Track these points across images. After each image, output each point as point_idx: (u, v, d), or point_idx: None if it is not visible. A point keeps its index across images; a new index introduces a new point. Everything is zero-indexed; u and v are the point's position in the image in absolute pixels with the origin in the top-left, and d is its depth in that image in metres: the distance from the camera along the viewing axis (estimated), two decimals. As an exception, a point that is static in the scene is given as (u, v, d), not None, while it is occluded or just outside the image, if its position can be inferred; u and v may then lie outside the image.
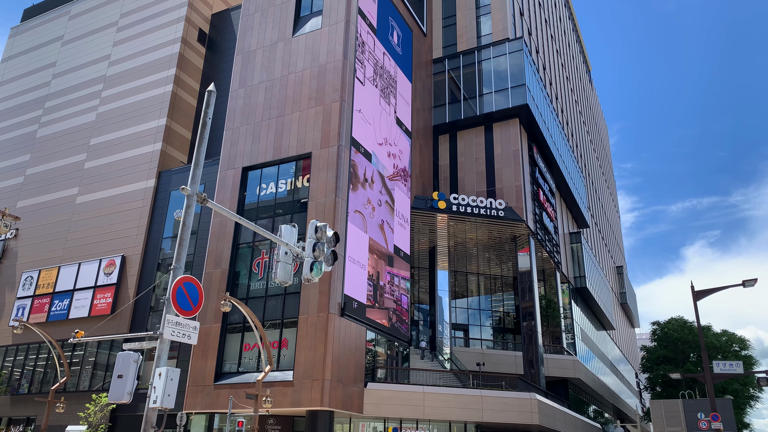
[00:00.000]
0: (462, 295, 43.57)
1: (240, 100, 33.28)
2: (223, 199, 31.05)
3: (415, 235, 37.18)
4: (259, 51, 34.08)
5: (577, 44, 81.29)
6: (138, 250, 36.53)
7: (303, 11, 34.12)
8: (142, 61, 43.47)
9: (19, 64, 52.42)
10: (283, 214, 29.60)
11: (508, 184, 38.38)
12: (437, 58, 43.56)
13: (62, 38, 50.33)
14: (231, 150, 32.18)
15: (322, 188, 28.29)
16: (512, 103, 39.32)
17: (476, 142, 40.72)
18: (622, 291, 77.73)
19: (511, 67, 40.34)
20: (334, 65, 30.74)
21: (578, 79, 75.38)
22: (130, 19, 46.21)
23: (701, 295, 25.67)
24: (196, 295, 10.47)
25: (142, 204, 37.73)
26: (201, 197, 10.96)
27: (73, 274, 38.04)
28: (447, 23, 44.94)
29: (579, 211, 54.53)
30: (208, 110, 11.86)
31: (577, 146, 64.70)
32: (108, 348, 35.58)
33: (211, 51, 45.09)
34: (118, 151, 40.88)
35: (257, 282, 28.71)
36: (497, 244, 39.69)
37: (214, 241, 30.19)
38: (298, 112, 30.86)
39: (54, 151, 44.81)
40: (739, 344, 48.71)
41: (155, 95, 41.17)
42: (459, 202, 35.31)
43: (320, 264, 13.51)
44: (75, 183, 41.90)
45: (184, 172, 37.22)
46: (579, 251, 51.45)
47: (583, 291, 51.10)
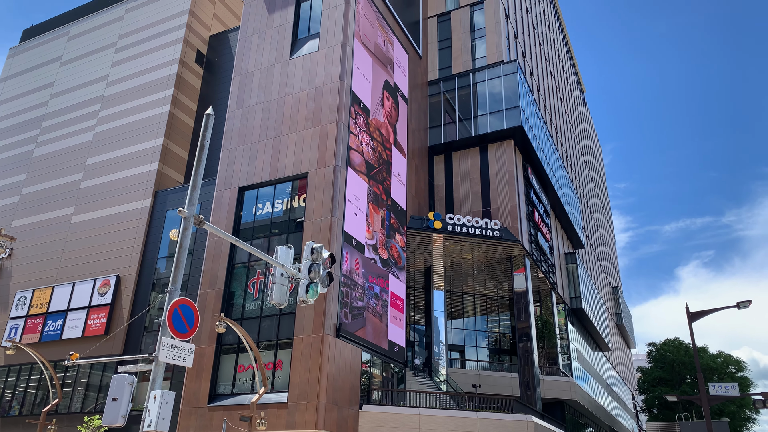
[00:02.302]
0: (458, 316, 43.50)
1: (237, 120, 33.50)
2: (219, 219, 31.08)
3: (410, 255, 37.23)
4: (257, 72, 34.40)
5: (571, 66, 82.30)
6: (133, 270, 36.40)
7: (300, 34, 34.54)
8: (139, 81, 43.77)
9: (17, 84, 52.68)
10: (278, 233, 29.64)
11: (504, 205, 38.57)
12: (433, 80, 44.03)
13: (61, 58, 50.68)
14: (227, 170, 32.30)
15: (318, 208, 28.38)
16: (507, 124, 39.69)
17: (471, 162, 40.99)
18: (617, 311, 77.66)
19: (506, 89, 40.80)
20: (330, 87, 31.04)
21: (572, 101, 76.18)
22: (128, 40, 46.62)
23: (696, 317, 25.73)
24: (191, 318, 10.48)
25: (137, 224, 37.70)
26: (198, 219, 11.03)
27: (67, 294, 37.83)
28: (442, 46, 45.53)
29: (574, 231, 54.72)
30: (206, 133, 11.98)
31: (571, 167, 65.16)
32: (101, 369, 35.26)
33: (209, 72, 45.46)
34: (114, 170, 40.95)
35: (252, 302, 28.62)
36: (493, 265, 39.75)
37: (210, 261, 30.15)
38: (295, 132, 31.08)
39: (50, 170, 44.85)
40: (735, 366, 48.65)
41: (152, 115, 41.39)
42: (455, 222, 35.44)
43: (316, 286, 13.55)
44: (71, 202, 41.87)
45: (181, 192, 37.28)
46: (574, 272, 51.53)
47: (579, 312, 51.07)
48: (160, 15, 45.92)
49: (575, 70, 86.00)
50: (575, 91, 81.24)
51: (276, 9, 35.81)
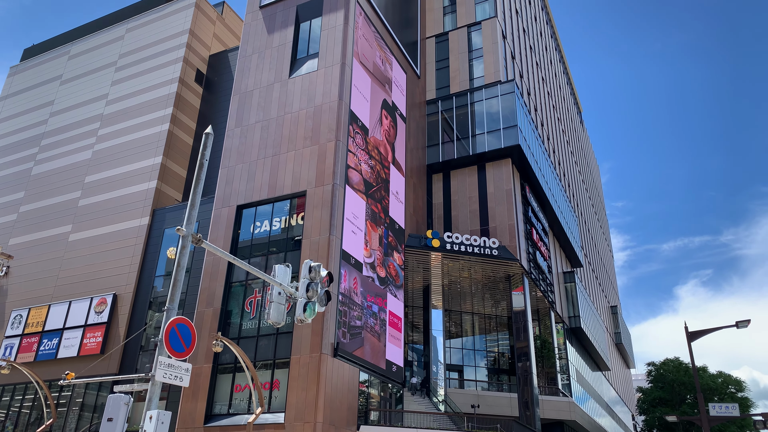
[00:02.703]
0: (456, 335, 43.26)
1: (236, 139, 33.62)
2: (216, 237, 31.03)
3: (409, 273, 37.14)
4: (256, 91, 34.62)
5: (568, 86, 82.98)
6: (130, 288, 36.24)
7: (300, 54, 34.84)
8: (139, 100, 44.01)
9: (17, 103, 52.91)
10: (276, 252, 29.57)
11: (502, 223, 38.60)
12: (431, 100, 44.33)
13: (61, 77, 50.99)
14: (226, 188, 32.34)
15: (316, 226, 28.37)
16: (504, 143, 39.88)
17: (469, 181, 41.11)
18: (616, 331, 77.32)
19: (503, 109, 41.08)
20: (329, 106, 31.24)
21: (569, 120, 76.67)
22: (128, 59, 46.96)
23: (695, 336, 25.63)
24: (188, 337, 10.41)
25: (135, 242, 37.61)
26: (196, 238, 11.01)
27: (63, 312, 37.60)
28: (440, 66, 45.93)
29: (572, 250, 54.70)
30: (206, 152, 12.01)
31: (569, 186, 65.35)
32: (96, 389, 34.91)
33: (208, 91, 45.74)
34: (112, 188, 40.96)
35: (249, 321, 28.46)
36: (491, 283, 39.64)
37: (207, 280, 30.04)
38: (294, 151, 31.19)
39: (48, 188, 44.86)
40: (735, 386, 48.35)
41: (152, 134, 41.54)
42: (453, 240, 35.42)
43: (313, 305, 13.49)
44: (68, 220, 41.81)
45: (179, 210, 37.27)
46: (573, 291, 51.40)
47: (578, 331, 50.84)
48: (160, 35, 46.34)
49: (572, 90, 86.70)
50: (572, 110, 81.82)
51: (275, 29, 36.16)
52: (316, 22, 35.03)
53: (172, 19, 46.54)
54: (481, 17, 46.10)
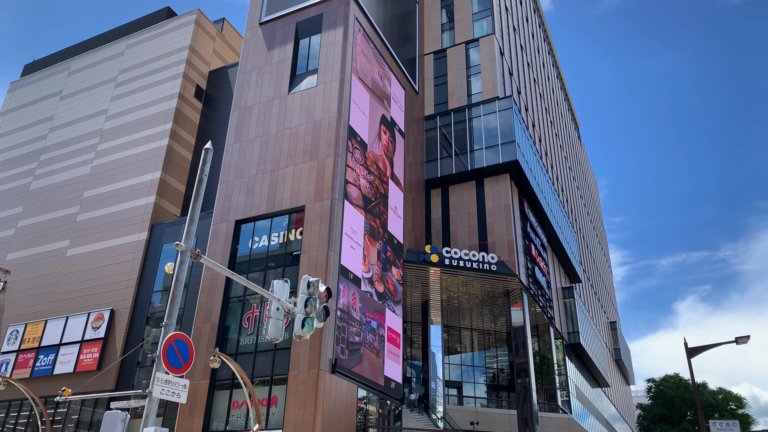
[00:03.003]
0: (455, 351, 43.03)
1: (235, 154, 33.71)
2: (215, 252, 30.98)
3: (407, 289, 37.04)
4: (255, 107, 34.78)
5: (566, 102, 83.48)
6: (127, 303, 36.08)
7: (299, 70, 35.07)
8: (139, 115, 44.17)
9: (17, 118, 53.08)
10: (275, 267, 29.51)
11: (500, 239, 38.59)
12: (429, 115, 44.54)
13: (61, 93, 51.22)
14: (225, 203, 32.35)
15: (314, 241, 28.34)
16: (502, 159, 40.01)
17: (468, 196, 41.17)
18: (616, 347, 76.99)
19: (501, 125, 41.27)
20: (328, 121, 31.37)
21: (567, 136, 77.03)
22: (128, 75, 47.22)
23: (695, 352, 25.53)
24: (186, 353, 10.35)
25: (133, 257, 37.52)
26: (194, 253, 11.00)
27: (60, 328, 37.38)
28: (438, 82, 46.22)
29: (571, 265, 54.65)
30: (205, 167, 12.04)
31: (567, 201, 65.47)
32: (93, 405, 34.60)
33: (208, 106, 45.94)
34: (111, 203, 40.96)
35: (247, 337, 28.31)
36: (490, 299, 39.54)
37: (205, 295, 29.92)
38: (293, 166, 31.25)
39: (47, 203, 44.84)
40: (735, 402, 48.09)
41: (151, 149, 41.64)
42: (451, 255, 35.38)
43: (312, 320, 13.43)
44: (66, 235, 41.74)
45: (177, 225, 37.24)
46: (572, 306, 51.27)
47: (577, 347, 50.62)
48: (160, 51, 46.66)
49: (570, 106, 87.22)
50: (570, 126, 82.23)
51: (275, 46, 36.43)
52: (315, 38, 35.31)
53: (172, 36, 46.90)
54: (478, 34, 46.51)
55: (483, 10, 47.35)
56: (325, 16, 35.32)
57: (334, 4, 35.41)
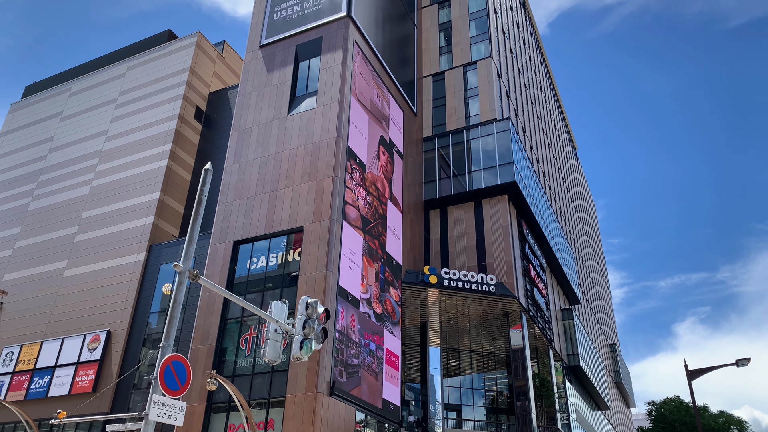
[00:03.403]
0: (454, 374, 42.67)
1: (234, 175, 33.80)
2: (213, 273, 30.88)
3: (406, 310, 36.87)
4: (255, 128, 34.98)
5: (563, 124, 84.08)
6: (124, 324, 35.84)
7: (299, 92, 35.36)
8: (138, 136, 44.37)
9: (17, 139, 53.27)
10: (273, 288, 29.40)
11: (499, 260, 38.53)
12: (427, 137, 44.80)
13: (61, 114, 51.50)
14: (223, 224, 32.34)
15: (313, 262, 28.29)
16: (501, 180, 40.15)
17: (466, 217, 41.21)
18: (616, 369, 76.43)
19: (499, 146, 41.50)
20: (327, 142, 31.54)
21: (565, 157, 77.43)
22: (129, 96, 47.54)
23: (695, 375, 25.36)
24: (183, 374, 10.26)
25: (131, 278, 37.37)
26: (193, 274, 10.97)
27: (56, 349, 37.06)
28: (437, 104, 46.58)
29: (570, 287, 54.50)
30: (204, 188, 12.07)
31: (565, 222, 65.56)
32: (87, 428, 34.16)
33: (207, 127, 46.19)
34: (109, 224, 40.93)
35: (244, 359, 28.08)
36: (489, 320, 39.34)
37: (202, 316, 29.75)
38: (291, 186, 31.33)
39: (45, 224, 44.79)
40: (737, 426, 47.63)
41: (150, 170, 41.75)
42: (450, 276, 35.29)
43: (310, 342, 13.35)
44: (64, 256, 41.61)
45: (175, 246, 37.17)
46: (571, 328, 51.01)
47: (577, 369, 50.24)
48: (161, 72, 47.05)
49: (567, 128, 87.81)
50: (567, 147, 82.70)
51: (275, 68, 36.78)
52: (315, 61, 35.67)
53: (172, 58, 47.33)
54: (476, 57, 47.00)
55: (480, 33, 47.93)
56: (325, 40, 35.73)
57: (334, 28, 35.85)
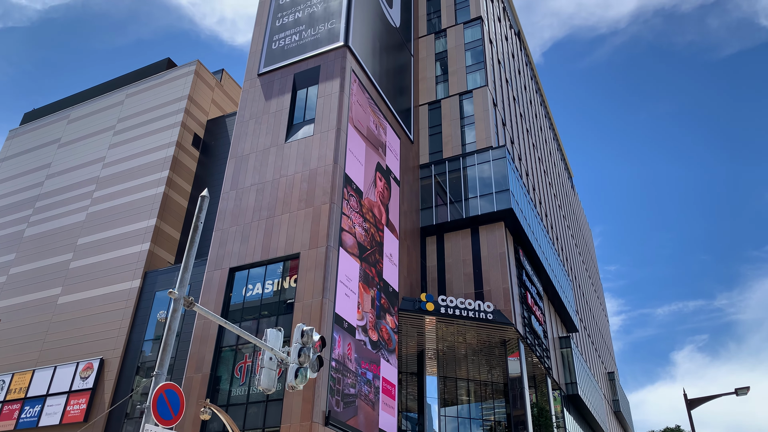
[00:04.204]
0: (452, 403, 42.13)
1: (231, 201, 33.82)
2: (208, 300, 30.66)
3: (403, 338, 36.57)
4: (252, 155, 35.14)
5: (558, 152, 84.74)
6: (118, 352, 35.42)
7: (296, 119, 35.64)
8: (136, 163, 44.49)
9: (14, 165, 53.35)
10: (268, 315, 29.17)
11: (496, 287, 38.41)
12: (424, 164, 45.05)
13: (59, 140, 51.69)
14: (219, 250, 32.24)
15: (309, 289, 28.13)
16: (497, 207, 40.26)
17: (463, 244, 41.19)
18: (614, 398, 75.63)
19: (495, 174, 41.73)
20: (324, 169, 31.67)
21: (560, 185, 77.83)
22: (127, 123, 47.82)
23: (695, 404, 25.10)
24: (177, 403, 10.11)
25: (125, 305, 37.08)
26: (188, 301, 10.90)
27: (48, 378, 36.53)
28: (433, 132, 46.96)
29: (567, 314, 54.24)
30: (201, 214, 12.07)
31: (562, 249, 65.57)
32: (77, 459, 33.49)
33: (205, 154, 46.38)
34: (105, 250, 40.76)
35: (239, 387, 27.71)
36: (487, 348, 39.01)
37: (197, 344, 29.44)
38: (288, 213, 31.35)
39: (40, 250, 44.57)
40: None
41: (147, 196, 41.76)
42: (447, 304, 35.11)
43: (305, 370, 13.21)
44: (58, 283, 41.32)
45: (171, 273, 36.97)
46: (569, 356, 50.61)
47: (575, 398, 49.68)
48: (159, 100, 47.42)
49: (562, 156, 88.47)
50: (563, 175, 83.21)
51: (273, 96, 37.12)
52: (312, 89, 36.05)
53: (171, 86, 47.77)
54: (472, 86, 47.57)
55: (476, 63, 48.59)
56: (323, 68, 36.17)
57: (332, 57, 36.32)
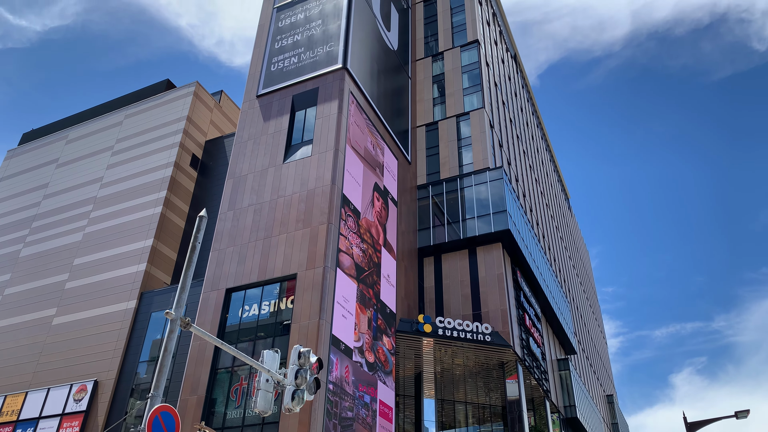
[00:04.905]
0: (449, 426, 41.66)
1: (228, 222, 33.80)
2: (204, 321, 30.46)
3: (400, 360, 36.29)
4: (250, 176, 35.21)
5: (555, 173, 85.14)
6: (112, 374, 35.04)
7: (294, 140, 35.81)
8: (133, 183, 44.52)
9: (11, 185, 53.33)
10: (264, 337, 28.96)
11: (494, 308, 38.25)
12: (421, 185, 45.19)
13: (57, 161, 51.76)
14: (216, 271, 32.11)
15: (306, 310, 27.98)
16: (494, 228, 40.30)
17: (461, 265, 41.12)
18: (614, 421, 74.90)
19: (492, 195, 41.85)
20: (322, 190, 31.73)
21: (557, 206, 78.05)
22: (125, 144, 47.96)
23: (695, 427, 24.87)
24: (172, 426, 9.98)
25: (121, 326, 36.79)
26: (184, 322, 10.82)
27: (41, 400, 36.07)
28: (430, 153, 47.20)
29: (566, 336, 53.97)
30: (198, 235, 12.04)
31: (560, 271, 65.49)
32: (68, 484, 32.91)
33: (203, 175, 46.46)
34: (101, 271, 40.56)
35: (234, 410, 27.38)
36: (485, 371, 38.72)
37: (192, 366, 29.15)
38: (286, 233, 31.31)
39: (35, 270, 44.33)
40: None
41: (144, 216, 41.72)
42: (445, 325, 34.92)
43: (302, 392, 13.07)
44: (53, 303, 41.03)
45: (167, 293, 36.77)
46: (568, 378, 50.23)
47: (574, 421, 49.19)
48: (158, 120, 47.64)
49: (559, 177, 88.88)
50: (560, 196, 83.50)
51: (271, 117, 37.34)
52: (311, 111, 36.29)
53: (170, 107, 48.04)
54: (469, 108, 47.95)
55: (473, 85, 49.04)
56: (321, 90, 36.45)
57: (330, 79, 36.63)
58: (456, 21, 53.51)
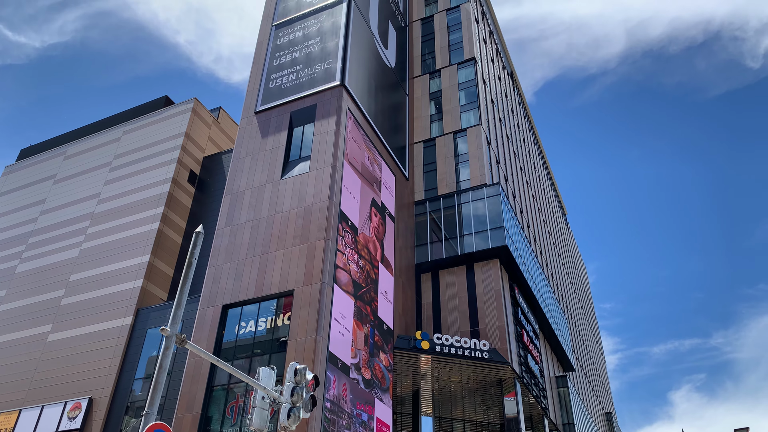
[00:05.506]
0: (447, 444, 41.26)
1: (225, 238, 33.74)
2: (200, 338, 30.26)
3: (398, 377, 36.06)
4: (248, 192, 35.24)
5: (552, 189, 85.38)
6: (107, 392, 34.72)
7: (292, 156, 35.90)
8: (131, 199, 44.48)
9: (9, 201, 53.25)
10: (261, 353, 28.77)
11: (492, 325, 38.11)
12: (419, 201, 45.25)
13: (55, 177, 51.75)
14: (212, 287, 31.98)
15: (302, 326, 27.83)
16: (492, 244, 40.30)
17: (458, 281, 41.04)
18: (613, 439, 74.28)
19: (490, 211, 41.91)
20: (320, 206, 31.74)
21: (555, 222, 78.15)
22: (123, 159, 47.99)
23: (695, 445, 24.67)
24: (166, 445, 9.87)
25: (116, 342, 36.53)
26: (180, 338, 10.76)
27: (34, 418, 35.67)
28: (428, 169, 47.34)
29: (564, 353, 53.73)
30: (195, 250, 12.02)
31: (557, 287, 65.38)
32: (61, 503, 32.44)
33: (200, 191, 46.48)
34: (97, 287, 40.37)
35: (230, 428, 27.11)
36: (483, 388, 38.46)
37: (188, 383, 28.91)
38: (283, 249, 31.25)
39: (31, 287, 44.10)
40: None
41: (141, 232, 41.63)
42: (443, 342, 34.75)
43: (298, 410, 12.97)
44: (49, 320, 40.77)
45: (163, 310, 36.57)
46: (566, 396, 49.90)
47: (573, 439, 48.74)
48: (156, 137, 47.75)
49: (556, 193, 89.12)
50: (557, 213, 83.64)
51: (269, 133, 37.47)
52: (309, 127, 36.43)
53: (169, 123, 48.19)
54: (466, 125, 48.20)
55: (470, 102, 49.36)
56: (319, 107, 36.63)
57: (328, 96, 36.84)
58: (453, 39, 54.01)
